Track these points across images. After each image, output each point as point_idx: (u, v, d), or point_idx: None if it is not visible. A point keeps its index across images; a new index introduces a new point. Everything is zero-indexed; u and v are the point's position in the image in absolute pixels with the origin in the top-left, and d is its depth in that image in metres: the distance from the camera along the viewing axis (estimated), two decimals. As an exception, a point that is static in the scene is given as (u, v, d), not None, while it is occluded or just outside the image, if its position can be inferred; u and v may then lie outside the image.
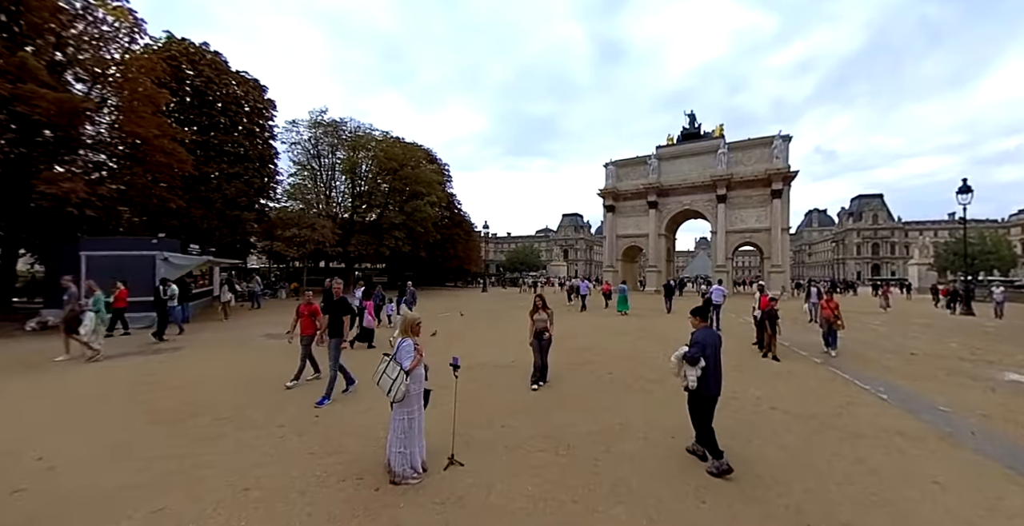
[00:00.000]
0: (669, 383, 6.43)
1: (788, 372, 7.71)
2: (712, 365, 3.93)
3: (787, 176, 30.66)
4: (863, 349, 10.09)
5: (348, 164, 33.22)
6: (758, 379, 7.24)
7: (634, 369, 8.01)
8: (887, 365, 8.37)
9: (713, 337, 4.03)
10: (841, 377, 7.41)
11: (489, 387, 6.79)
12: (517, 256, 70.80)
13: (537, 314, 7.10)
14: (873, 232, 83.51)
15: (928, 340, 11.44)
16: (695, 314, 4.21)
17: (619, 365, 8.36)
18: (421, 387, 3.78)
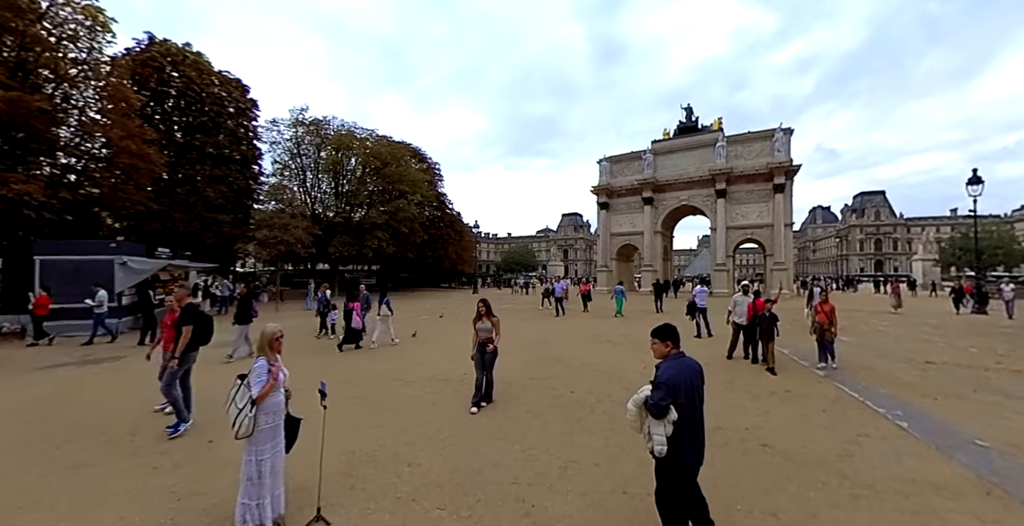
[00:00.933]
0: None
1: (785, 391, 6.54)
2: (689, 418, 2.57)
3: (789, 170, 29.43)
4: (872, 357, 8.91)
5: (330, 163, 32.13)
6: (750, 400, 6.08)
7: (602, 386, 6.88)
8: (902, 378, 7.21)
9: (688, 372, 2.67)
10: (848, 396, 6.24)
11: (422, 408, 5.80)
12: (512, 256, 69.73)
13: (480, 322, 6.03)
14: (876, 228, 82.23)
15: (944, 345, 10.25)
16: (659, 336, 2.79)
17: (585, 380, 7.25)
18: (276, 420, 3.02)
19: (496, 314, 6.27)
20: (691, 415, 2.59)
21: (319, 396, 3.31)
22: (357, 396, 6.34)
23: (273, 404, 2.98)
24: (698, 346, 10.24)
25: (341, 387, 6.51)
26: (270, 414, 2.96)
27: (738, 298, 8.92)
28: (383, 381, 7.25)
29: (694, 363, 2.79)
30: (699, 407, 2.67)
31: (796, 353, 9.21)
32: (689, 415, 2.57)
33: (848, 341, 10.73)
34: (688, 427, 2.57)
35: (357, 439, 4.58)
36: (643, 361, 8.65)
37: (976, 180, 16.99)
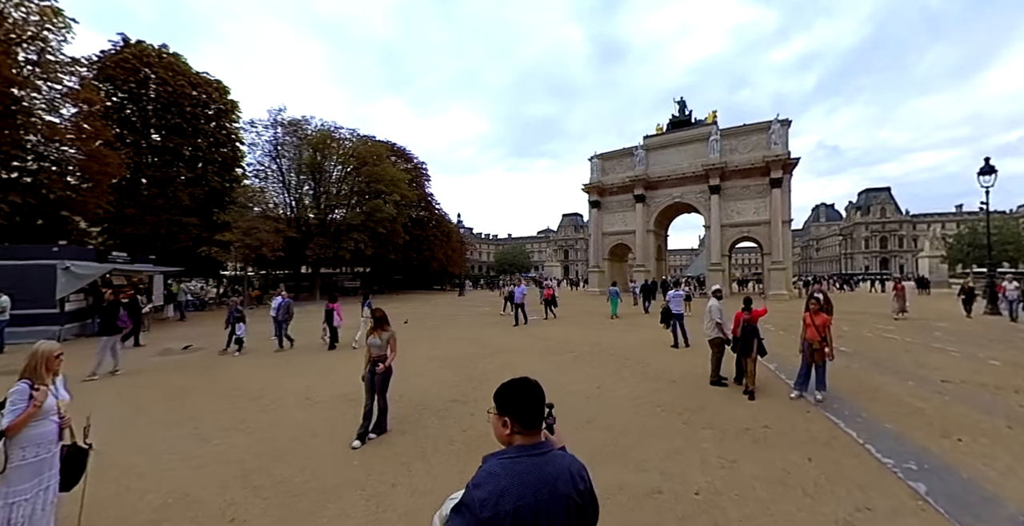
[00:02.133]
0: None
1: (763, 427, 5.06)
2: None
3: (787, 163, 27.88)
4: (875, 373, 7.43)
5: (307, 164, 30.88)
6: (713, 442, 4.62)
7: None
8: (913, 405, 5.72)
9: (536, 488, 1.19)
10: (844, 435, 4.78)
11: (301, 439, 4.87)
12: (505, 257, 68.32)
13: (372, 336, 4.89)
14: (881, 226, 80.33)
15: (960, 356, 8.72)
16: (498, 405, 1.41)
17: None
18: (42, 454, 2.57)
19: (392, 328, 5.11)
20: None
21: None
22: (241, 421, 5.49)
23: (35, 436, 2.55)
24: (673, 358, 8.78)
25: (234, 409, 5.99)
26: (30, 448, 2.53)
27: (712, 307, 7.23)
28: (286, 400, 6.36)
29: (559, 468, 1.29)
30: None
31: (784, 369, 7.70)
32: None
33: (849, 351, 9.24)
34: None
35: (197, 479, 3.90)
36: (598, 380, 7.23)
37: (989, 170, 15.46)
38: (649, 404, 5.99)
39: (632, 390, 6.72)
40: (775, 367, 7.83)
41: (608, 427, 5.13)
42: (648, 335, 11.85)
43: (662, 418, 5.43)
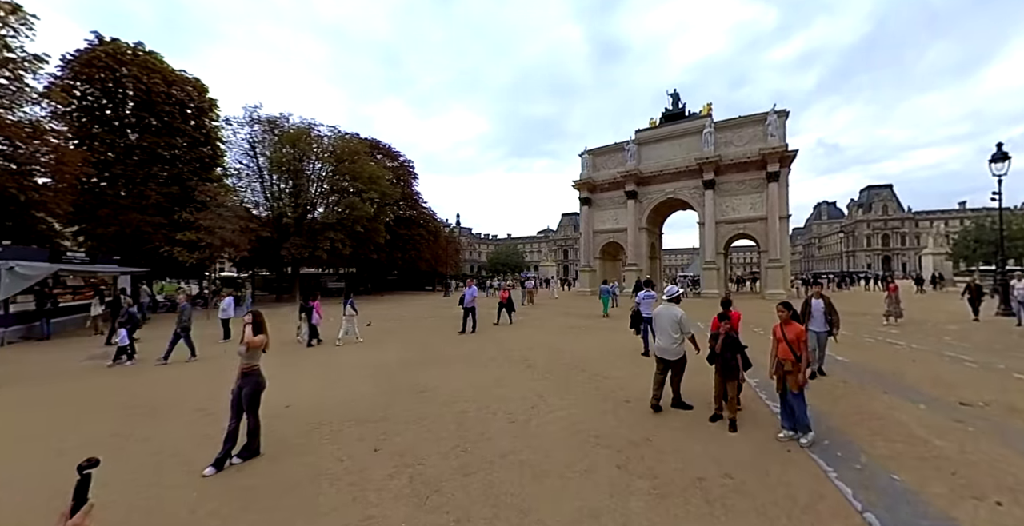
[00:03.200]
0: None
1: (723, 476, 3.74)
2: None
3: (784, 156, 26.52)
4: (877, 390, 6.11)
5: (282, 161, 29.65)
6: (646, 501, 3.32)
7: (429, 444, 4.49)
8: (927, 442, 4.39)
9: None
10: (835, 494, 3.45)
11: (146, 468, 4.11)
12: (499, 257, 67.10)
13: (242, 344, 4.35)
14: (883, 223, 78.90)
15: (976, 367, 7.37)
16: None
17: (422, 429, 4.94)
18: None
19: (266, 335, 4.44)
20: None
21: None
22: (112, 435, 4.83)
23: None
24: (638, 370, 7.47)
25: (94, 422, 5.40)
26: None
27: (673, 316, 5.45)
28: (167, 414, 5.69)
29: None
30: None
31: (768, 386, 6.34)
32: None
33: (846, 361, 7.92)
34: None
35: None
36: (538, 397, 5.94)
37: (1001, 156, 14.12)
38: (586, 434, 4.75)
39: (573, 412, 5.49)
40: (756, 383, 6.50)
41: (520, 466, 3.97)
42: (620, 341, 10.55)
43: (593, 457, 4.16)
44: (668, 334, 5.40)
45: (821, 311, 6.84)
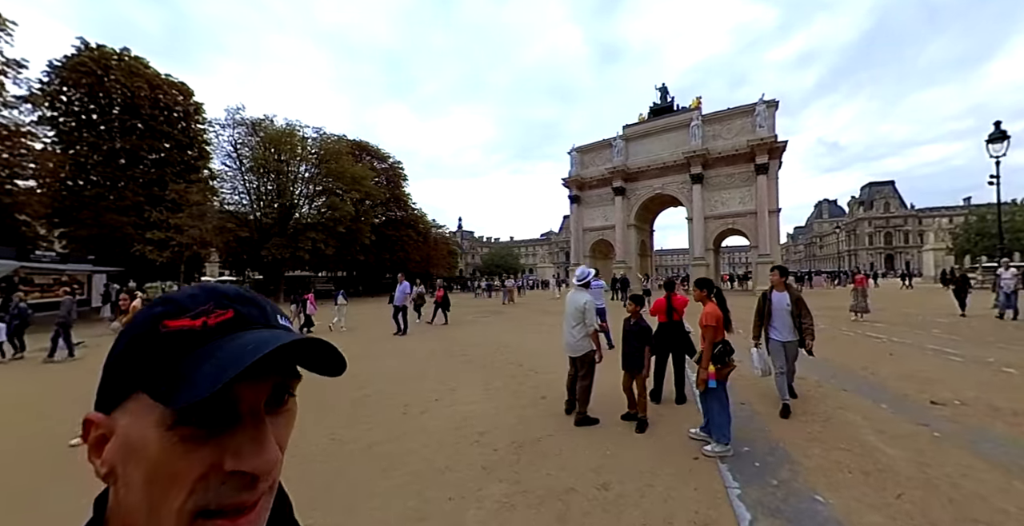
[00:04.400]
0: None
1: (598, 487, 2.89)
2: None
3: (773, 147, 25.57)
4: (836, 387, 5.19)
5: (264, 162, 29.11)
6: (489, 513, 2.53)
7: (296, 428, 3.33)
8: (876, 450, 3.49)
9: None
10: (729, 517, 2.57)
11: None
12: (493, 259, 66.39)
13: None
14: (885, 221, 77.36)
15: (962, 362, 6.39)
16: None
17: (299, 417, 3.76)
18: None
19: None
20: None
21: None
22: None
23: None
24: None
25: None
26: None
27: (580, 302, 4.47)
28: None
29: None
30: None
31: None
32: None
33: (814, 358, 6.99)
34: None
35: None
36: (450, 389, 5.08)
37: (999, 136, 13.13)
38: (472, 430, 4.17)
39: (476, 407, 4.91)
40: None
41: (380, 458, 3.62)
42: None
43: (464, 455, 3.59)
44: (570, 325, 4.50)
45: (785, 311, 4.57)
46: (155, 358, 0.36)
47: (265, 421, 0.39)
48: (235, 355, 0.35)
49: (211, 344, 0.37)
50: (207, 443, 0.35)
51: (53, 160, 19.42)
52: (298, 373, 0.43)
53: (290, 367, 0.41)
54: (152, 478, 0.34)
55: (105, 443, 0.36)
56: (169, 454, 0.34)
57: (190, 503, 0.34)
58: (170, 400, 0.33)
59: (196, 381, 0.33)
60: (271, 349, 0.35)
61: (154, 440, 0.34)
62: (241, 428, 0.37)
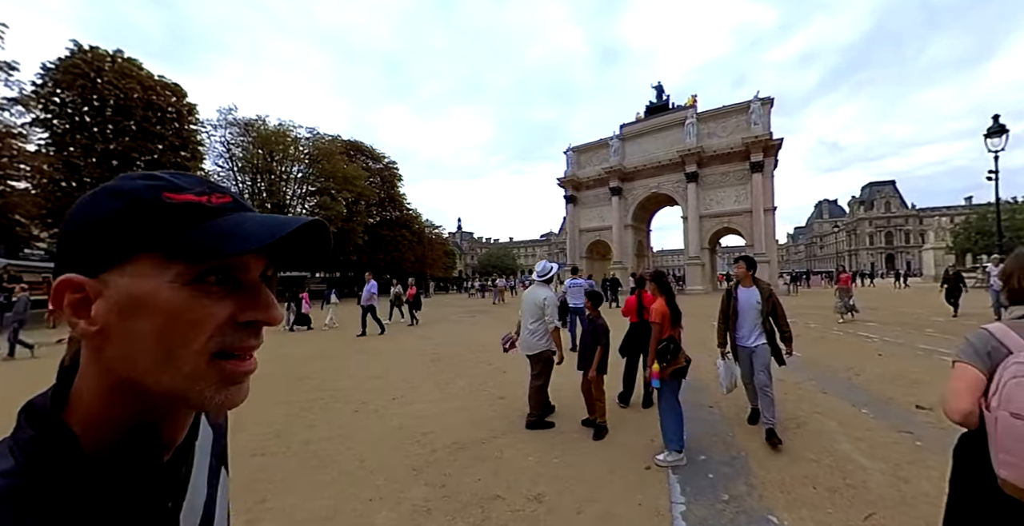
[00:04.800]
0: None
1: (541, 505, 2.53)
2: None
3: (769, 145, 25.20)
4: (815, 389, 4.82)
5: (255, 162, 28.90)
6: (423, 519, 2.18)
7: (240, 426, 3.22)
8: (849, 460, 3.12)
9: None
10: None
11: None
12: (489, 259, 66.11)
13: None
14: (886, 220, 76.78)
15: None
16: None
17: (246, 416, 4.20)
18: None
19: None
20: None
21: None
22: None
23: None
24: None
25: None
26: None
27: (538, 298, 4.17)
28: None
29: None
30: None
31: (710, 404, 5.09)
32: None
33: (797, 357, 6.61)
34: None
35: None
36: (412, 387, 4.73)
37: (998, 130, 12.73)
38: (416, 429, 3.97)
39: (427, 406, 4.71)
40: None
41: (311, 455, 3.49)
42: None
43: (397, 455, 3.45)
44: (528, 322, 4.17)
45: (755, 310, 3.74)
46: (169, 223, 0.37)
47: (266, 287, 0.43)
48: (269, 225, 0.38)
49: (223, 218, 0.39)
50: (225, 299, 0.39)
51: (46, 162, 19.54)
52: (276, 265, 0.45)
53: (278, 254, 0.43)
54: (171, 326, 0.36)
55: (88, 304, 0.36)
56: (191, 305, 0.37)
57: (211, 344, 0.37)
58: (203, 254, 0.36)
59: (242, 236, 0.36)
60: (301, 224, 0.38)
61: (172, 295, 0.36)
62: (251, 289, 0.40)
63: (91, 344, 0.38)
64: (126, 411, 0.38)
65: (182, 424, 0.43)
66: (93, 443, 0.36)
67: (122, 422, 0.38)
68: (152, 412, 0.39)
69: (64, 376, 0.40)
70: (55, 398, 0.38)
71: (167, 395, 0.38)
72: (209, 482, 0.48)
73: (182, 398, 0.38)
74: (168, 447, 0.42)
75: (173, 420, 0.42)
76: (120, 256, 0.36)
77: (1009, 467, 1.02)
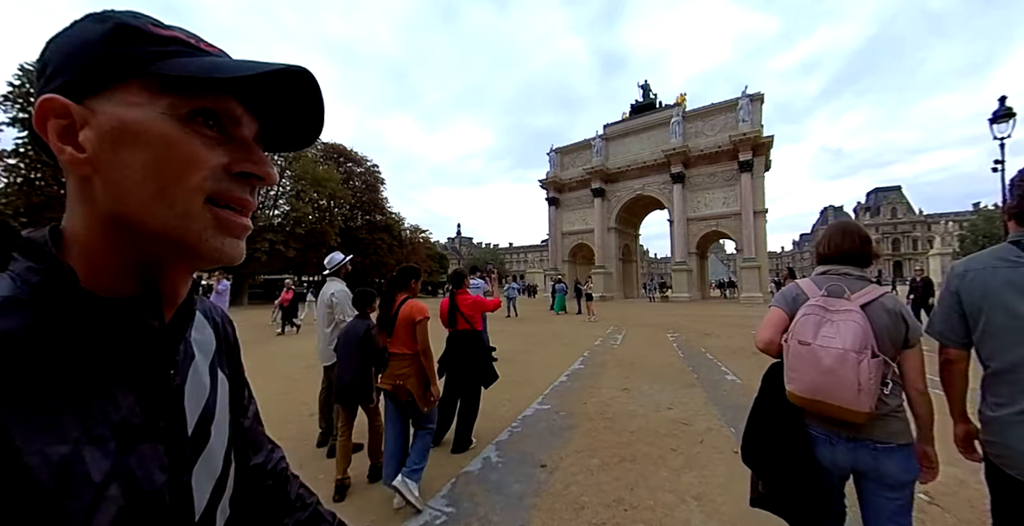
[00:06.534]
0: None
1: None
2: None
3: (758, 143, 23.59)
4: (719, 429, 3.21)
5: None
6: None
7: None
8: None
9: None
10: None
11: None
12: (476, 263, 64.76)
13: None
14: (892, 227, 74.46)
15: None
16: None
17: None
18: None
19: None
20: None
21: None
22: None
23: None
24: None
25: None
26: None
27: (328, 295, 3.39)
28: None
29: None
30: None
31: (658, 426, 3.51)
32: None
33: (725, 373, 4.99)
34: None
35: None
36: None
37: (1005, 114, 11.05)
38: None
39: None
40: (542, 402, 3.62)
41: None
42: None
43: None
44: (322, 327, 3.40)
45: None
46: (156, 49, 0.35)
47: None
48: (257, 63, 0.35)
49: (210, 56, 0.37)
50: (219, 147, 0.36)
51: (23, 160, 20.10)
52: (267, 139, 0.43)
53: (269, 115, 0.41)
54: (164, 159, 0.34)
55: (74, 132, 0.34)
56: (185, 139, 0.34)
57: (206, 186, 0.35)
58: (194, 82, 0.34)
59: (232, 67, 0.34)
60: (288, 66, 0.35)
61: (165, 126, 0.34)
62: (245, 144, 0.38)
63: (79, 174, 0.34)
64: (120, 255, 0.35)
65: (179, 282, 0.39)
66: (89, 284, 0.34)
67: (118, 267, 0.35)
68: (148, 260, 0.36)
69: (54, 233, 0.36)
70: (52, 234, 0.35)
71: (161, 235, 0.35)
72: (211, 379, 0.46)
73: (178, 239, 0.35)
74: (168, 304, 0.39)
75: (170, 276, 0.38)
76: (108, 80, 0.34)
77: (792, 381, 1.37)
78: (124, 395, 0.34)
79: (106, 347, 0.34)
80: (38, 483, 0.27)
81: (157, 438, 0.35)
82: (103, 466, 0.31)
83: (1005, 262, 1.25)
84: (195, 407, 0.41)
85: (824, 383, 1.28)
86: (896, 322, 1.32)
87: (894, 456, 1.29)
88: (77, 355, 0.32)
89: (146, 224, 0.34)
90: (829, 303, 1.35)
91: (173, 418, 0.38)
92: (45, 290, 0.32)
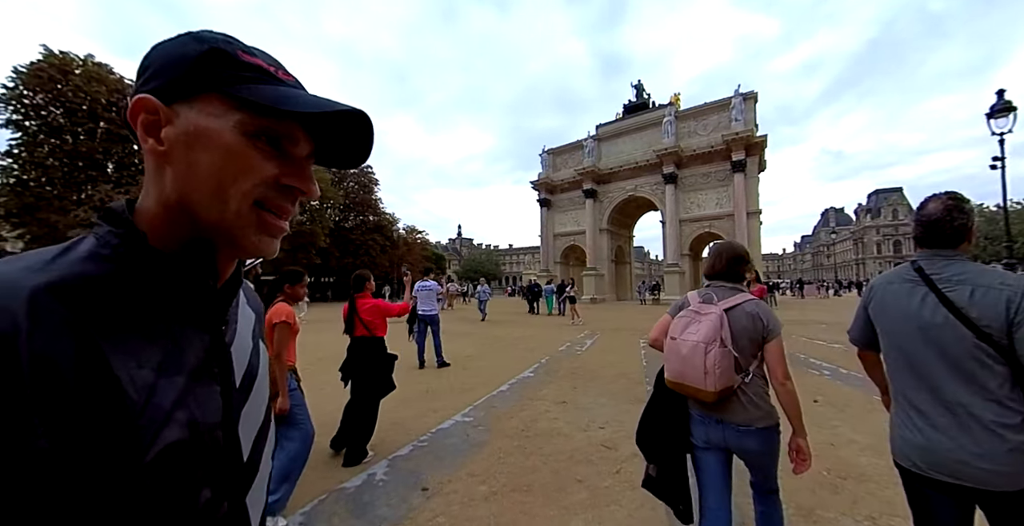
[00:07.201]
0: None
1: None
2: None
3: (751, 143, 23.04)
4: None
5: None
6: None
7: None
8: None
9: None
10: None
11: None
12: (471, 265, 64.31)
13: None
14: (894, 228, 73.72)
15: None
16: None
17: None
18: None
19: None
20: None
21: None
22: None
23: None
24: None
25: None
26: None
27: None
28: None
29: None
30: None
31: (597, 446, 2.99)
32: None
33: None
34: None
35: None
36: None
37: (1003, 108, 10.50)
38: None
39: None
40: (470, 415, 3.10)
41: None
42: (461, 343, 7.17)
43: None
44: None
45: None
46: (240, 73, 0.41)
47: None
48: (325, 100, 0.42)
49: (286, 86, 0.43)
50: (273, 160, 0.42)
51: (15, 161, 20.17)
52: (320, 154, 0.49)
53: (325, 140, 0.47)
54: (226, 164, 0.40)
55: (158, 127, 0.40)
56: (247, 151, 0.40)
57: (255, 191, 0.41)
58: (266, 107, 0.39)
59: (302, 101, 0.40)
60: (352, 108, 0.41)
61: (232, 138, 0.40)
62: (297, 162, 0.44)
63: (156, 163, 0.41)
64: (181, 230, 0.41)
65: (226, 262, 0.46)
66: (157, 245, 0.41)
67: (178, 240, 0.41)
68: (202, 239, 0.43)
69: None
70: (129, 204, 0.43)
71: (212, 225, 0.41)
72: (253, 344, 0.52)
73: (226, 233, 0.41)
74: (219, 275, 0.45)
75: (220, 257, 0.44)
76: (195, 91, 0.39)
77: (666, 370, 1.65)
78: (195, 338, 0.41)
79: (175, 297, 0.40)
80: (125, 393, 0.33)
81: (215, 380, 0.42)
82: (172, 395, 0.37)
83: (902, 280, 1.40)
84: (241, 363, 0.47)
85: (683, 369, 1.55)
86: (755, 322, 1.56)
87: (753, 436, 1.54)
88: (152, 301, 0.39)
89: (200, 214, 0.40)
90: (701, 308, 1.61)
91: (225, 367, 0.44)
92: (122, 249, 0.39)
